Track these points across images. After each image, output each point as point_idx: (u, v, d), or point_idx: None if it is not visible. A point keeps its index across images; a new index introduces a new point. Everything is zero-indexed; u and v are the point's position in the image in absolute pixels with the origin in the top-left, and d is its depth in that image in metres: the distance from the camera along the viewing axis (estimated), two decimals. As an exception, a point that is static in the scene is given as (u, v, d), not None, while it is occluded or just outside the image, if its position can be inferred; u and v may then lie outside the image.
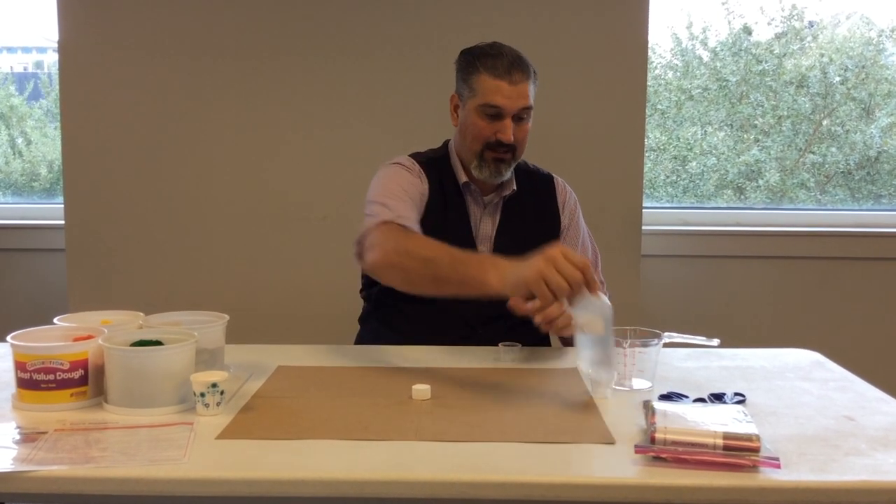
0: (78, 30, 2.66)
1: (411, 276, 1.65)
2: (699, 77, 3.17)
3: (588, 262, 1.45)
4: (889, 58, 3.12)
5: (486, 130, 1.85)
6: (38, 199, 3.23)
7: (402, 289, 1.70)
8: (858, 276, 2.92)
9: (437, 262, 1.61)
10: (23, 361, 1.38)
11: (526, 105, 1.84)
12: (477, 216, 1.95)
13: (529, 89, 1.84)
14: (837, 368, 1.70)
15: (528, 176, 2.02)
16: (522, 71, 1.82)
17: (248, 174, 2.70)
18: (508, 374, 1.63)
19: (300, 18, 2.64)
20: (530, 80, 1.84)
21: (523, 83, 1.82)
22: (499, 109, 1.82)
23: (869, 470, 1.16)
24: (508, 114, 1.82)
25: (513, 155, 1.88)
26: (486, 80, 1.82)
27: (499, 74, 1.81)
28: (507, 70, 1.81)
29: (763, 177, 3.11)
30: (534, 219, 1.97)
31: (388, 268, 1.70)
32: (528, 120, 1.87)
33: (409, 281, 1.66)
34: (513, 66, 1.81)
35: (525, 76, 1.83)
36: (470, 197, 1.95)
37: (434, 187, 1.92)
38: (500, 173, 1.88)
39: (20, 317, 2.01)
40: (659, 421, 1.20)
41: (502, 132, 1.83)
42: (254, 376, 1.59)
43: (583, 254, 1.98)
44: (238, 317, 1.67)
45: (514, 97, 1.81)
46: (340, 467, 1.15)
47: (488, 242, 1.94)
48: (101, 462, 1.16)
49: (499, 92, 1.81)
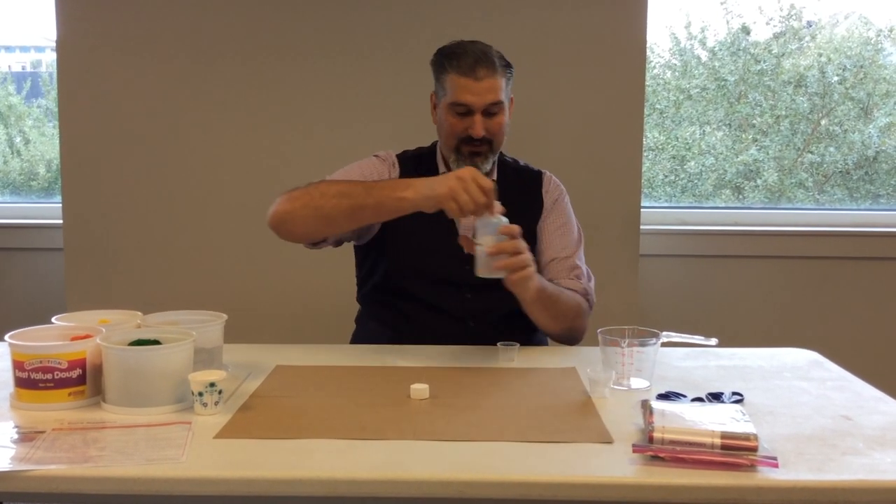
0: (76, 29, 2.66)
1: (326, 212, 1.70)
2: (697, 77, 3.17)
3: (492, 186, 1.62)
4: (887, 57, 3.12)
5: (457, 127, 1.88)
6: (37, 198, 3.23)
7: (317, 231, 1.75)
8: (856, 275, 2.93)
9: (350, 193, 1.69)
10: (21, 361, 1.38)
11: (494, 100, 1.85)
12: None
13: (499, 84, 1.86)
14: (835, 368, 1.70)
15: (517, 172, 2.04)
16: (487, 67, 1.84)
17: (247, 173, 2.70)
18: (506, 374, 1.63)
19: (300, 18, 2.64)
20: (497, 74, 1.85)
21: (489, 79, 1.84)
22: (467, 107, 1.85)
23: (866, 469, 1.16)
24: (477, 110, 1.85)
25: (490, 147, 1.90)
26: (454, 78, 1.85)
27: (464, 72, 1.84)
28: (471, 67, 1.83)
29: (761, 176, 3.11)
30: (517, 209, 1.97)
31: (297, 210, 1.73)
32: (500, 114, 1.88)
33: (324, 217, 1.71)
34: (477, 63, 1.83)
35: (491, 71, 1.84)
36: None
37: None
38: (478, 166, 1.90)
39: (18, 316, 2.01)
40: (657, 420, 1.20)
41: (472, 128, 1.86)
42: (252, 376, 1.59)
43: (563, 237, 1.97)
44: (236, 316, 1.67)
45: (480, 93, 1.84)
46: (338, 467, 1.15)
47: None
48: (99, 461, 1.16)
49: (466, 89, 1.84)
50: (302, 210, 1.73)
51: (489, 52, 1.86)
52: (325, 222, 1.73)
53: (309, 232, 1.77)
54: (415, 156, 2.03)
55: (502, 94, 1.86)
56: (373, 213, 1.70)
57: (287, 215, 1.75)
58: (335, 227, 1.76)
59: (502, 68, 1.87)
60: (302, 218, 1.74)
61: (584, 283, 1.93)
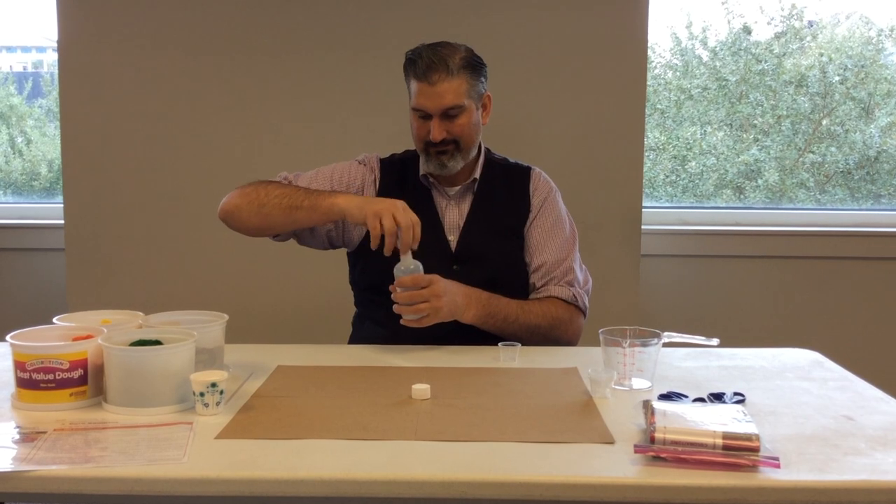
0: (77, 29, 2.66)
1: (267, 210, 1.82)
2: (699, 77, 3.17)
3: (417, 223, 1.71)
4: (888, 57, 3.12)
5: (420, 130, 1.91)
6: (38, 198, 3.23)
7: (259, 226, 1.86)
8: (858, 275, 2.93)
9: (291, 194, 1.82)
10: (22, 361, 1.38)
11: (450, 104, 1.86)
12: (442, 206, 1.98)
13: (457, 86, 1.86)
14: (837, 368, 1.70)
15: (505, 169, 2.05)
16: (440, 71, 1.84)
17: (248, 173, 2.68)
18: (508, 374, 1.63)
19: (300, 17, 2.64)
20: (454, 77, 1.85)
21: (443, 83, 1.85)
22: (424, 111, 1.87)
23: (868, 469, 1.16)
24: (435, 114, 1.87)
25: (456, 146, 1.91)
26: (414, 83, 1.89)
27: (419, 77, 1.86)
28: (424, 73, 1.85)
29: (762, 176, 3.11)
30: (503, 207, 2.00)
31: (242, 205, 1.85)
32: (461, 115, 1.89)
33: (265, 214, 1.82)
34: (429, 68, 1.84)
35: (445, 76, 1.84)
36: (435, 190, 1.99)
37: (394, 183, 1.99)
38: (445, 165, 1.92)
39: (19, 316, 2.01)
40: (658, 421, 1.20)
41: (432, 131, 1.88)
42: (253, 376, 1.59)
43: (553, 238, 1.97)
44: (237, 316, 1.68)
45: (434, 98, 1.85)
46: (340, 467, 1.15)
47: (457, 231, 1.97)
48: (100, 462, 1.16)
49: (422, 94, 1.87)
50: (247, 206, 1.85)
51: (448, 55, 1.86)
52: (265, 220, 1.84)
53: (251, 227, 1.88)
54: (401, 159, 2.05)
55: (463, 97, 1.87)
56: (306, 214, 1.80)
57: (234, 209, 1.87)
58: (274, 225, 1.86)
59: (462, 70, 1.86)
60: (246, 213, 1.85)
61: (576, 289, 1.93)
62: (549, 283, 1.93)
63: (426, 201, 1.97)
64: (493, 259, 1.93)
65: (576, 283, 1.94)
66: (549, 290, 1.92)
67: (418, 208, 1.94)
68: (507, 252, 1.95)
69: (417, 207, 1.94)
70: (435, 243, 1.88)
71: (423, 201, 1.95)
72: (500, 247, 1.95)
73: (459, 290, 1.80)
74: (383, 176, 2.01)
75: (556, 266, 1.94)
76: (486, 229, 1.96)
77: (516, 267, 1.95)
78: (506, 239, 1.96)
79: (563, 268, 1.94)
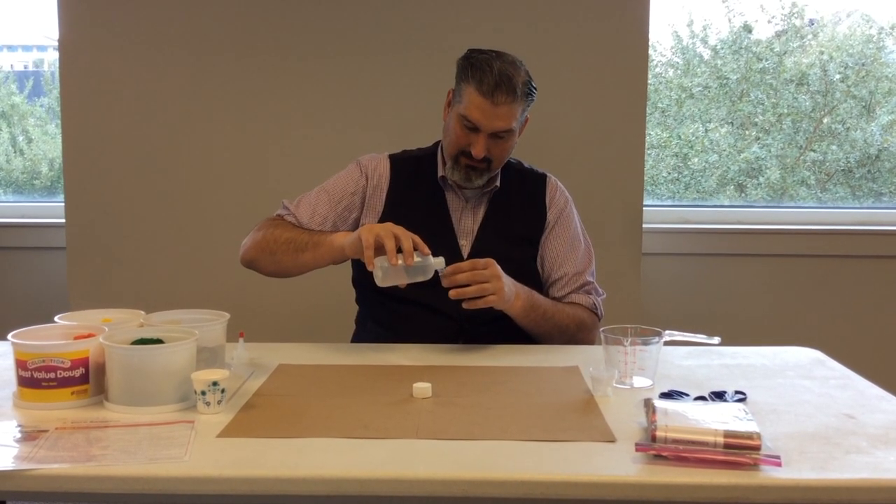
0: (78, 28, 2.66)
1: (278, 258, 1.87)
2: (700, 75, 3.17)
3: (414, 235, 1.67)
4: (889, 55, 3.12)
5: (462, 139, 1.86)
6: (39, 197, 3.23)
7: (277, 273, 1.92)
8: (859, 273, 2.92)
9: (296, 239, 1.86)
10: (23, 360, 1.38)
11: (505, 128, 1.83)
12: (458, 210, 1.97)
13: (515, 111, 1.83)
14: (838, 366, 1.70)
15: (521, 175, 2.03)
16: (507, 93, 1.79)
17: (249, 172, 2.70)
18: (509, 373, 1.63)
19: (301, 17, 2.64)
20: (516, 101, 1.82)
21: (506, 105, 1.80)
22: (475, 125, 1.82)
23: (869, 468, 1.16)
24: (485, 131, 1.83)
25: (488, 166, 1.88)
26: (472, 92, 1.81)
27: (483, 91, 1.79)
28: (490, 90, 1.79)
29: (764, 174, 3.11)
30: (519, 215, 1.98)
31: (259, 257, 1.91)
32: (507, 139, 1.86)
33: (278, 262, 1.88)
34: (498, 87, 1.79)
35: (510, 98, 1.80)
36: (452, 192, 1.97)
37: (407, 183, 1.96)
38: (470, 180, 1.89)
39: (21, 315, 2.01)
40: (660, 419, 1.20)
41: (474, 146, 1.84)
42: (255, 375, 1.59)
43: (573, 251, 1.98)
44: (239, 315, 1.67)
45: (492, 118, 1.81)
46: (341, 466, 1.15)
47: (470, 236, 1.95)
48: (101, 460, 1.16)
49: (479, 109, 1.81)
50: (262, 258, 1.91)
51: (515, 76, 1.81)
52: (279, 266, 1.90)
53: (271, 273, 1.94)
54: (415, 156, 2.02)
55: (514, 122, 1.84)
56: (311, 254, 1.83)
57: (252, 260, 1.93)
58: (289, 270, 1.90)
59: (523, 96, 1.83)
60: (263, 263, 1.92)
61: (594, 298, 1.97)
62: (571, 292, 1.96)
63: (438, 202, 1.95)
64: (506, 267, 1.89)
65: (593, 292, 1.98)
66: (571, 298, 1.95)
67: (429, 208, 1.94)
68: (519, 260, 1.93)
69: (428, 207, 1.94)
70: (445, 246, 1.84)
71: (435, 202, 1.95)
72: (513, 254, 1.92)
73: (507, 278, 1.77)
74: (393, 173, 1.97)
75: (578, 277, 1.97)
76: (501, 237, 1.94)
77: (528, 275, 1.93)
78: (519, 247, 1.96)
79: (583, 278, 1.97)
